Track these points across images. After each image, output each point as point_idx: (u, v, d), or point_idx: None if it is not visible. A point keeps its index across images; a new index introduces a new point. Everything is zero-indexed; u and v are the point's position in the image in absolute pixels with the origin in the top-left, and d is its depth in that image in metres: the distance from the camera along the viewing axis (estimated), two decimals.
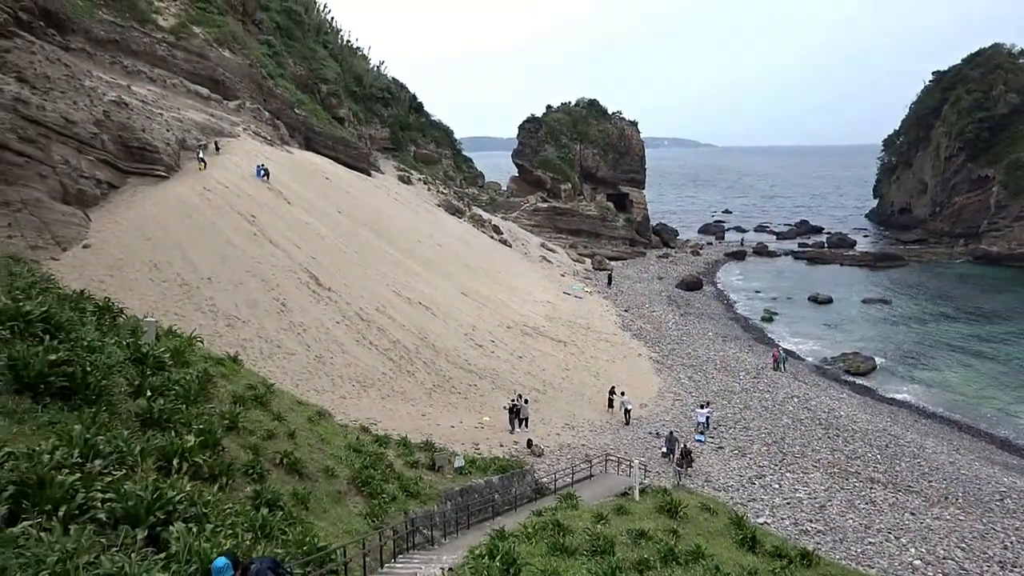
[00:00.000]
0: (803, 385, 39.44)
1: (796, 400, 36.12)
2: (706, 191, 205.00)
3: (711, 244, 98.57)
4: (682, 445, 26.79)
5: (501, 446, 26.84)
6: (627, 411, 31.47)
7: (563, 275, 63.07)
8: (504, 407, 29.62)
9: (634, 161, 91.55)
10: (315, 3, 77.66)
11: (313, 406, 18.26)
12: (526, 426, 29.06)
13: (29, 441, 6.89)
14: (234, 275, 32.58)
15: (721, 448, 29.46)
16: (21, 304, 9.68)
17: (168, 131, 39.62)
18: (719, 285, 71.72)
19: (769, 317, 58.11)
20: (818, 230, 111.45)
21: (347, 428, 19.02)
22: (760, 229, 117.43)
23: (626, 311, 53.65)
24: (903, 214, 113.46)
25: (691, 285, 66.41)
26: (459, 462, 19.73)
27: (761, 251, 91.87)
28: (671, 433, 28.23)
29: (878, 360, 46.22)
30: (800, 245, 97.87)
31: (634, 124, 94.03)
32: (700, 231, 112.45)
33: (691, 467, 26.11)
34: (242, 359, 18.31)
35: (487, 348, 36.75)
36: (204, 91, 47.51)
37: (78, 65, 36.49)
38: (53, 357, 8.33)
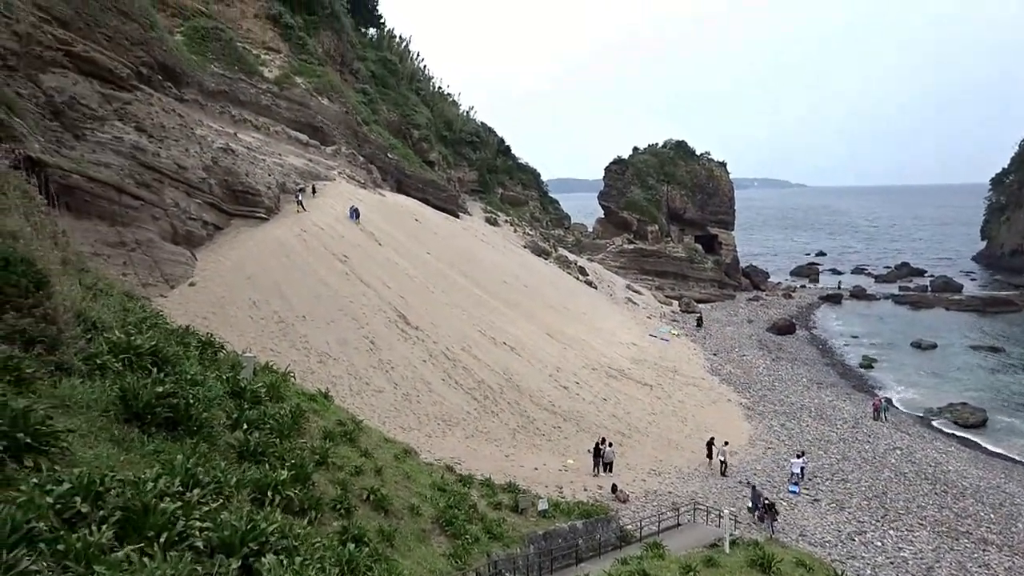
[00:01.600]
0: (906, 436, 37.26)
1: (899, 452, 34.14)
2: (798, 232, 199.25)
3: (804, 287, 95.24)
4: (765, 500, 25.63)
5: (585, 490, 26.40)
6: (723, 462, 30.40)
7: (649, 317, 62.17)
8: (588, 450, 29.19)
9: (723, 202, 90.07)
10: (409, 52, 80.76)
11: (400, 443, 18.46)
12: (610, 471, 28.52)
13: (135, 469, 7.22)
14: (327, 313, 33.63)
15: (817, 501, 28.06)
16: (133, 338, 10.25)
17: (269, 175, 41.69)
18: (813, 329, 69.07)
19: (868, 363, 55.45)
20: (920, 273, 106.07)
21: (432, 467, 19.12)
22: (857, 271, 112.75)
23: (715, 355, 52.30)
24: (1015, 256, 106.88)
25: (783, 329, 64.22)
26: (543, 505, 19.48)
27: (858, 294, 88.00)
28: (755, 487, 27.08)
29: (989, 411, 43.25)
30: (901, 288, 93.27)
31: (723, 165, 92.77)
32: (792, 273, 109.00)
33: (775, 522, 24.90)
34: (332, 395, 18.77)
35: (571, 390, 36.45)
36: (303, 137, 49.84)
37: (191, 115, 39.00)
38: (160, 389, 8.74)
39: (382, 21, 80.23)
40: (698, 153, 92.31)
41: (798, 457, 30.42)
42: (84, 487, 5.76)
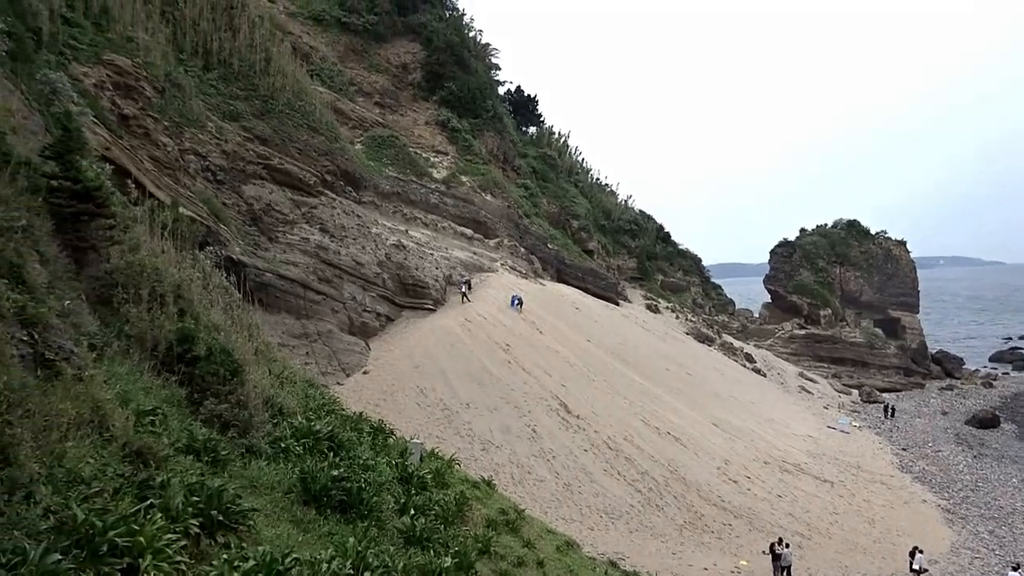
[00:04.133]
0: None
1: None
2: (997, 314, 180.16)
3: (1007, 374, 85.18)
4: None
5: None
6: (921, 571, 27.13)
7: (826, 407, 58.02)
8: (763, 551, 27.14)
9: (904, 283, 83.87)
10: (567, 147, 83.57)
11: (562, 535, 18.15)
12: (789, 575, 26.27)
13: (312, 549, 7.58)
14: (490, 401, 34.23)
15: None
16: (313, 424, 10.97)
17: (437, 269, 43.94)
18: (1023, 423, 61.26)
19: None
20: None
21: (595, 561, 18.55)
22: None
23: (904, 450, 47.61)
24: None
25: (985, 422, 57.39)
26: None
27: None
28: None
29: None
30: None
31: (902, 243, 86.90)
32: (992, 359, 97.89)
33: None
34: (495, 483, 18.88)
35: (742, 484, 34.36)
36: (468, 232, 52.33)
37: (367, 215, 42.27)
38: (335, 473, 9.23)
39: (542, 120, 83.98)
40: (873, 232, 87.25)
41: (1014, 570, 26.57)
42: (267, 565, 6.11)
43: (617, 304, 63.82)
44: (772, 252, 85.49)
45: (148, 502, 5.83)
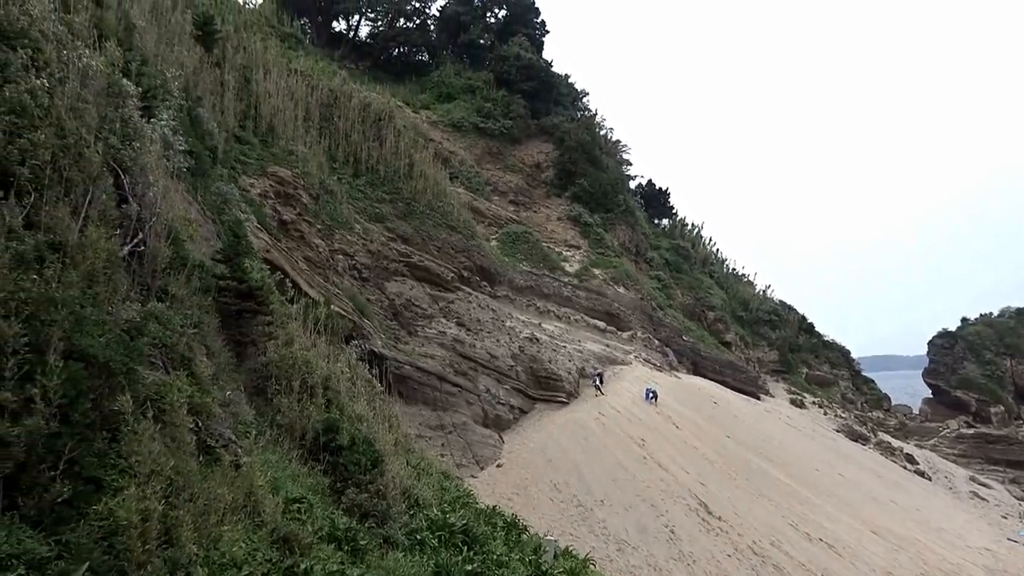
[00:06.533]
0: None
1: None
2: None
3: None
4: None
5: None
6: None
7: (1004, 516, 51.80)
8: None
9: None
10: (701, 238, 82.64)
11: None
12: None
13: None
14: (624, 498, 33.11)
15: None
16: (448, 516, 11.04)
17: (570, 361, 43.89)
18: None
19: None
20: None
21: None
22: None
23: None
24: None
25: None
26: None
27: None
28: None
29: None
30: None
31: None
32: None
33: None
34: None
35: None
36: (601, 324, 52.20)
37: (502, 309, 43.22)
38: (469, 568, 9.20)
39: (674, 212, 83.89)
40: None
41: None
42: None
43: (758, 398, 60.90)
44: (930, 344, 79.60)
45: None
